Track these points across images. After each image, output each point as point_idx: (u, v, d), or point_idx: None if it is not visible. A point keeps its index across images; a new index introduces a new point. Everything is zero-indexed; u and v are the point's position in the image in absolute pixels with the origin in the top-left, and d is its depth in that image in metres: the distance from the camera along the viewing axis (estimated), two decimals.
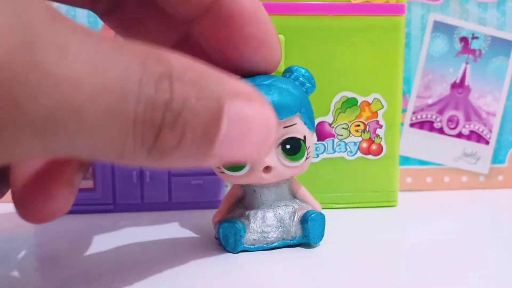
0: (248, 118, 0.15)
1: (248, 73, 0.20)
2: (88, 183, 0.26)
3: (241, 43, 0.19)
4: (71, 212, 0.26)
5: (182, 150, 0.14)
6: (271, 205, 0.21)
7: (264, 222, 0.21)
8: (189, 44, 0.21)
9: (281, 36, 0.25)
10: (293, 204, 0.22)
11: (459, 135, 0.31)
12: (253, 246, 0.21)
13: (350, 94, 0.26)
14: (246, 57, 0.19)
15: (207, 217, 0.25)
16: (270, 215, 0.21)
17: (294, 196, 0.22)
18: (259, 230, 0.21)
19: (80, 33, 0.12)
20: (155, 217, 0.26)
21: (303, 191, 0.22)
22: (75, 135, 0.12)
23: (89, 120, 0.12)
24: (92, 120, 0.12)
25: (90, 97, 0.11)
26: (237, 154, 0.16)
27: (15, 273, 0.19)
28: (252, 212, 0.21)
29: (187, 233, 0.23)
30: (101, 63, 0.12)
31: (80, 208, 0.26)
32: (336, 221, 0.25)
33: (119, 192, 0.27)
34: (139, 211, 0.27)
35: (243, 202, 0.22)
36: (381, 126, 0.27)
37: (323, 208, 0.27)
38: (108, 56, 0.12)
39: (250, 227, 0.21)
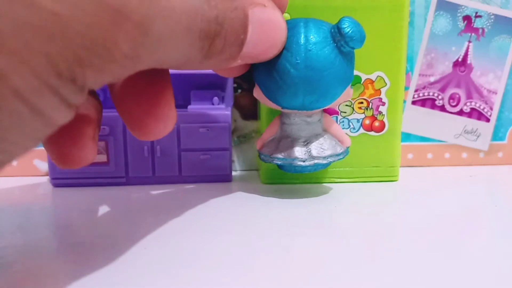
0: (265, 21, 0.19)
1: None
2: (102, 157, 0.27)
3: None
4: (86, 184, 0.27)
5: (223, 52, 0.18)
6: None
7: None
8: None
9: (287, 15, 0.26)
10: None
11: (460, 113, 0.32)
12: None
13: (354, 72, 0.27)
14: None
15: (214, 190, 0.26)
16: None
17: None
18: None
19: None
20: (165, 189, 0.27)
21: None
22: (166, 45, 0.15)
23: (175, 35, 0.15)
24: (177, 36, 0.15)
25: (178, 20, 0.15)
26: (260, 53, 0.20)
27: (32, 240, 0.20)
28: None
29: (195, 204, 0.24)
30: None
31: (95, 181, 0.27)
32: (339, 194, 0.26)
33: (131, 166, 0.27)
34: (150, 184, 0.28)
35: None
36: (384, 104, 0.28)
37: (326, 183, 0.28)
38: None
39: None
